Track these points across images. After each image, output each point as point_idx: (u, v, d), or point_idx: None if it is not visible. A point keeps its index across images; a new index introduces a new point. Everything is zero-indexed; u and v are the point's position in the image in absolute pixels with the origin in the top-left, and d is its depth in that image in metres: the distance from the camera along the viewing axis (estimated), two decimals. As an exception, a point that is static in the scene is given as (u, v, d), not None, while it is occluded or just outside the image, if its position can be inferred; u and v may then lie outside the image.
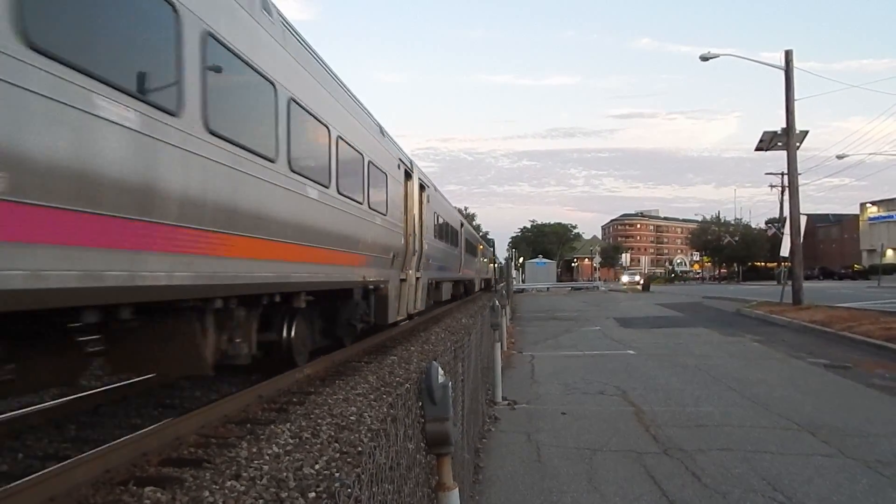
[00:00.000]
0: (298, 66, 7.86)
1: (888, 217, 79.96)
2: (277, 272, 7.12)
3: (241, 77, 6.41)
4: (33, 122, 3.67)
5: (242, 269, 6.24)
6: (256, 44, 6.60)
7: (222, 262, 5.83)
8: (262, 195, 6.66)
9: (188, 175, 5.29)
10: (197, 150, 5.40)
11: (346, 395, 7.76)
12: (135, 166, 4.56)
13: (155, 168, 4.81)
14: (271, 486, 4.52)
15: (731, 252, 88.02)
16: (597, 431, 6.38)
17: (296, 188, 7.58)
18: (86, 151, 4.07)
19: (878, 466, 5.07)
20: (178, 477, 4.69)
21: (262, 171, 6.63)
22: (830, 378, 9.27)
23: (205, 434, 5.83)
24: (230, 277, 5.97)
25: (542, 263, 73.66)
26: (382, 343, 13.04)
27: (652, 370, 10.12)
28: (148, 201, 4.71)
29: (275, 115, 7.08)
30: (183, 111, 5.21)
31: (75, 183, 3.97)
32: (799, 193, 21.35)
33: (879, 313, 16.50)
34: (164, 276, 4.90)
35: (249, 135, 6.46)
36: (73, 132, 3.98)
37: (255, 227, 6.49)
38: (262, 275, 6.71)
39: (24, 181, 3.56)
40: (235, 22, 6.18)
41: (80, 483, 4.31)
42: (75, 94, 3.97)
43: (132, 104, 4.54)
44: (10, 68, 3.51)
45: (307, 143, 8.24)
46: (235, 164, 6.08)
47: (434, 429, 2.58)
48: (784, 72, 21.22)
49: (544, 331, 17.22)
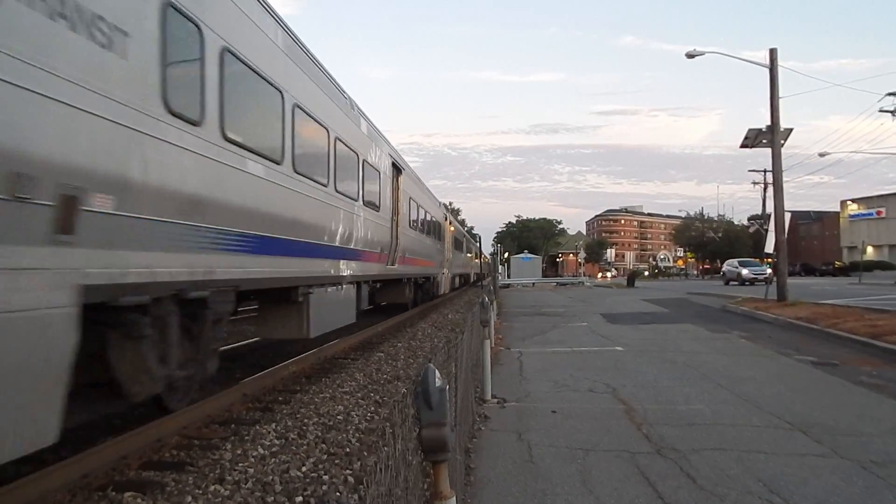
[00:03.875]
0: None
1: (868, 214, 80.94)
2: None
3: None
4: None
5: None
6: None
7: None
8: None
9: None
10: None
11: (332, 393, 7.62)
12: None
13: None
14: (257, 490, 4.37)
15: (714, 248, 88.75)
16: (588, 430, 6.29)
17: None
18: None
19: (872, 467, 5.01)
20: (160, 481, 4.53)
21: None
22: (819, 375, 9.26)
23: (187, 435, 5.66)
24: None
25: (527, 259, 73.65)
26: (368, 339, 12.89)
27: (641, 367, 10.07)
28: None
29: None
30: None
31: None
32: (783, 190, 21.45)
33: (863, 310, 16.60)
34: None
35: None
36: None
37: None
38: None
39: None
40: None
41: (56, 488, 4.13)
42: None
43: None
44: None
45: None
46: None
47: (431, 435, 2.44)
48: (769, 70, 21.28)
49: (531, 326, 17.15)
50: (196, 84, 5.76)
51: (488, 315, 8.41)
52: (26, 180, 3.54)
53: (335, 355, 10.54)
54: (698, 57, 22.91)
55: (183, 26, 5.50)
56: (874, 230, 77.61)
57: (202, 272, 5.75)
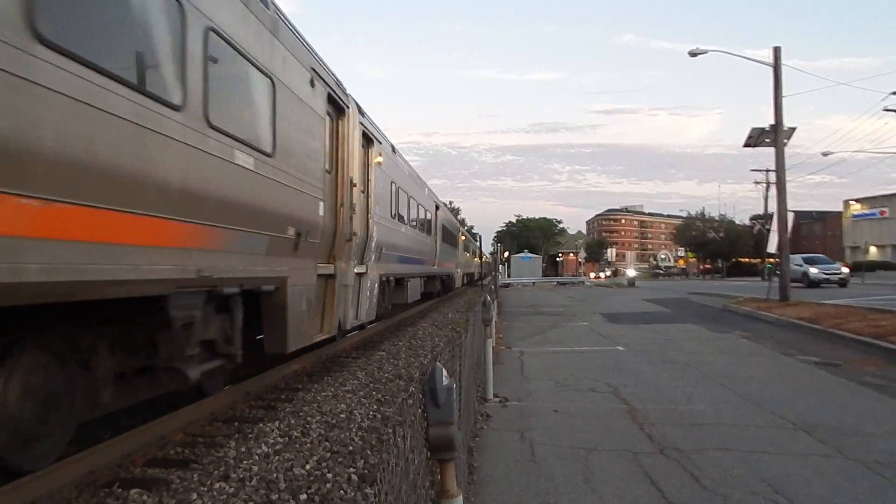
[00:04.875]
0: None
1: (871, 214, 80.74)
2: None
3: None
4: None
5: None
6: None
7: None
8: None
9: None
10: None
11: (335, 391, 7.62)
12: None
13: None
14: (261, 488, 4.37)
15: (715, 248, 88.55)
16: (590, 430, 6.29)
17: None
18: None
19: (877, 468, 5.01)
20: (165, 478, 4.53)
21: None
22: (822, 376, 9.26)
23: (191, 433, 5.66)
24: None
25: (527, 258, 73.73)
26: (369, 338, 12.90)
27: (642, 367, 10.07)
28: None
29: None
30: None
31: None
32: (786, 190, 21.43)
33: (867, 310, 16.56)
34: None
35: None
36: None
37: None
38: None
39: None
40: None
41: (63, 485, 4.13)
42: None
43: None
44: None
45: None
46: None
47: (438, 433, 2.45)
48: (773, 68, 21.25)
49: (532, 326, 17.14)
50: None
51: (490, 314, 8.40)
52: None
53: (336, 354, 10.53)
54: (699, 55, 22.92)
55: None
56: (877, 230, 77.46)
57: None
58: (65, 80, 3.68)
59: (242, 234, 6.03)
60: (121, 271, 4.26)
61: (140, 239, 4.49)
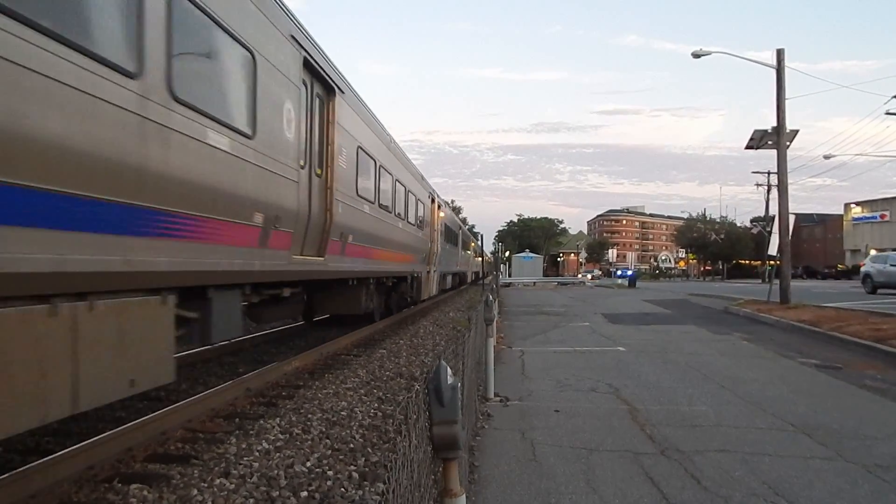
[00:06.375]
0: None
1: (872, 218, 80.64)
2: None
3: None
4: None
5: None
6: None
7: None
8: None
9: None
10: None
11: (335, 389, 7.62)
12: None
13: None
14: (262, 485, 4.38)
15: (716, 249, 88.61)
16: (591, 430, 6.28)
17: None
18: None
19: (877, 471, 5.01)
20: (165, 474, 4.53)
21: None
22: (822, 378, 9.25)
23: (192, 429, 5.67)
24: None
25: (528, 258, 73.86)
26: (371, 336, 12.90)
27: (643, 367, 10.06)
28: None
29: None
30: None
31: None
32: (788, 192, 21.41)
33: (867, 314, 16.55)
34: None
35: None
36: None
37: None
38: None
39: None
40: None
41: (63, 479, 4.13)
42: None
43: None
44: None
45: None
46: None
47: (442, 432, 2.44)
48: (776, 71, 21.23)
49: (532, 326, 17.14)
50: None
51: (492, 313, 8.40)
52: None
53: (337, 351, 10.53)
54: (703, 57, 22.90)
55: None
56: (877, 233, 77.36)
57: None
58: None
59: (413, 251, 16.09)
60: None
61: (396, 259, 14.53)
